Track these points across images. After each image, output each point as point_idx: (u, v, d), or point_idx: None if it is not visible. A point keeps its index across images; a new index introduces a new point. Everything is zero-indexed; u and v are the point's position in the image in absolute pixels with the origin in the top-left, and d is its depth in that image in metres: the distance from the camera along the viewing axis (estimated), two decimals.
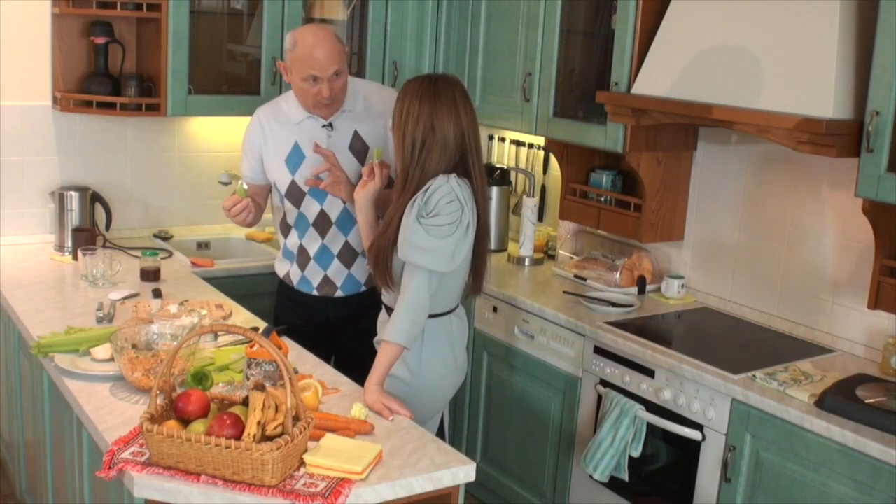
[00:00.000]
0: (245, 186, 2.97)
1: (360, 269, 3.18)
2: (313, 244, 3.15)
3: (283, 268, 3.27)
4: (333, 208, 3.10)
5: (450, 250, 2.58)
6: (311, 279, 3.19)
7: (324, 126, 3.07)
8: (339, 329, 3.22)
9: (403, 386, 2.72)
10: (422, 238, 2.56)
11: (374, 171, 2.82)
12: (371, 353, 2.74)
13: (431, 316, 2.70)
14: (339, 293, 3.19)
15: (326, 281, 3.18)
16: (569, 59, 3.72)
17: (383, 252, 2.68)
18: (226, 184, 3.89)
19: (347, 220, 3.12)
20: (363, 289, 3.20)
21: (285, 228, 3.20)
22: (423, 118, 2.60)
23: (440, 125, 2.60)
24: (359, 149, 3.08)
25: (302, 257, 3.18)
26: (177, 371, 2.40)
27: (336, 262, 3.16)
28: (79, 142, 3.94)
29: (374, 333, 3.00)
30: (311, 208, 3.11)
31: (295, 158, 3.08)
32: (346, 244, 3.14)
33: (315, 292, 3.20)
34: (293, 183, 3.09)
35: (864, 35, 2.74)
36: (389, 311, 2.80)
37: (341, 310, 3.21)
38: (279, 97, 3.22)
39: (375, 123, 3.09)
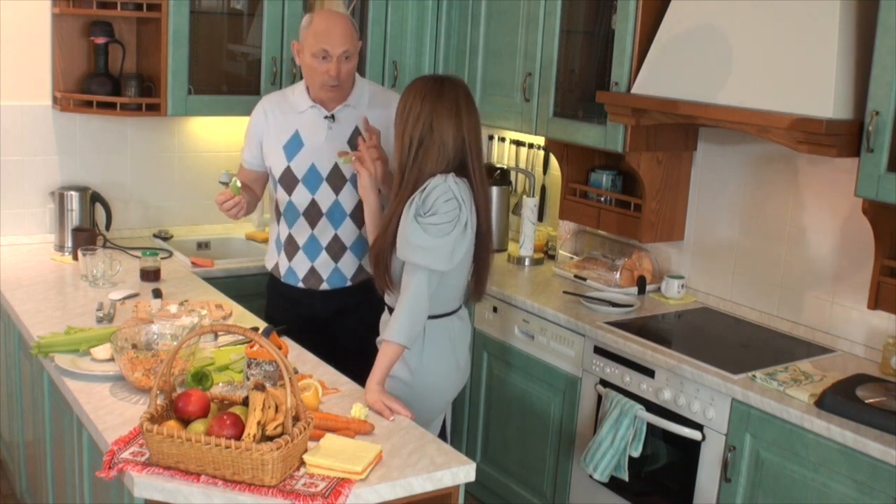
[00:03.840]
0: (238, 184, 3.00)
1: (348, 264, 3.20)
2: (302, 234, 3.18)
3: (272, 259, 3.31)
4: (325, 199, 3.13)
5: (448, 249, 2.58)
6: (297, 270, 3.21)
7: (326, 117, 3.11)
8: (328, 325, 3.24)
9: (404, 387, 2.71)
10: (420, 237, 2.56)
11: (359, 168, 2.86)
12: (364, 351, 2.76)
13: (433, 317, 2.70)
14: (324, 286, 3.21)
15: (313, 272, 3.20)
16: (569, 59, 3.72)
17: (383, 253, 2.68)
18: (225, 184, 3.90)
19: (338, 213, 3.15)
20: (349, 283, 3.22)
21: (277, 216, 3.25)
22: (423, 117, 2.60)
23: (439, 126, 2.60)
24: (357, 145, 3.11)
25: (290, 247, 3.21)
26: (177, 371, 2.40)
27: (324, 254, 3.18)
28: (79, 142, 3.94)
29: (365, 330, 3.04)
30: (302, 197, 3.14)
31: (293, 146, 3.12)
32: (336, 237, 3.17)
33: (301, 284, 3.22)
34: (288, 169, 3.13)
35: (864, 35, 2.74)
36: (391, 310, 2.80)
37: (328, 304, 3.23)
38: (287, 88, 3.27)
39: (377, 123, 3.10)
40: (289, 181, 3.13)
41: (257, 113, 3.20)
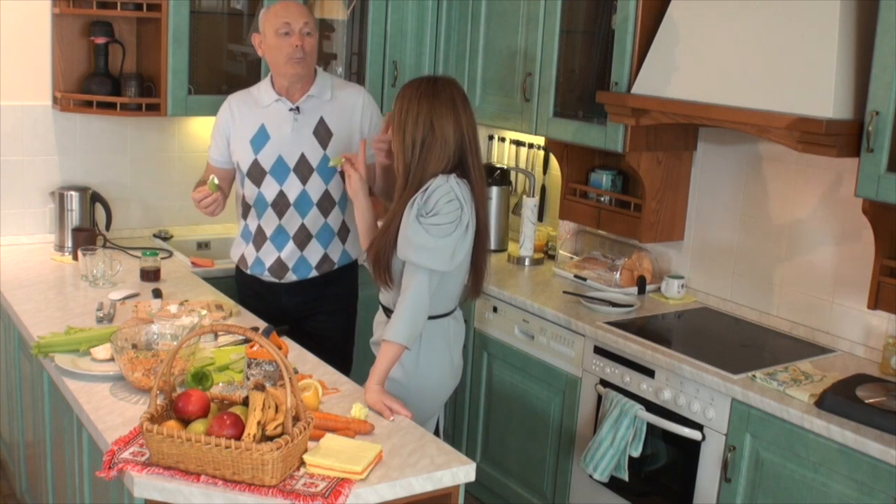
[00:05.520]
0: (216, 182, 3.06)
1: (313, 253, 3.26)
2: (270, 225, 3.24)
3: (238, 250, 3.36)
4: (292, 190, 3.20)
5: (450, 249, 2.58)
6: (264, 260, 3.27)
7: (291, 110, 3.18)
8: (297, 322, 3.25)
9: (399, 387, 2.71)
10: (422, 237, 2.57)
11: (348, 170, 2.84)
12: (334, 350, 2.80)
13: (429, 318, 2.70)
14: (290, 276, 3.26)
15: (279, 263, 3.25)
16: (569, 59, 3.72)
17: (383, 251, 2.68)
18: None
19: (305, 203, 3.21)
20: (314, 273, 3.27)
21: (245, 209, 3.30)
22: (422, 117, 2.61)
23: (439, 124, 2.60)
24: (323, 135, 3.19)
25: (259, 237, 3.27)
26: (177, 371, 2.40)
27: (291, 243, 3.24)
28: (79, 142, 3.94)
29: (334, 329, 3.05)
30: (270, 189, 3.20)
31: (260, 139, 3.19)
32: (302, 226, 3.22)
33: (267, 274, 3.28)
34: (255, 162, 3.19)
35: (864, 35, 2.74)
36: (387, 311, 2.81)
37: (294, 296, 3.28)
38: (252, 86, 3.33)
39: (341, 114, 3.20)
40: (257, 174, 3.19)
41: (223, 111, 3.27)
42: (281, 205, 3.20)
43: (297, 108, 3.17)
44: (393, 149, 2.70)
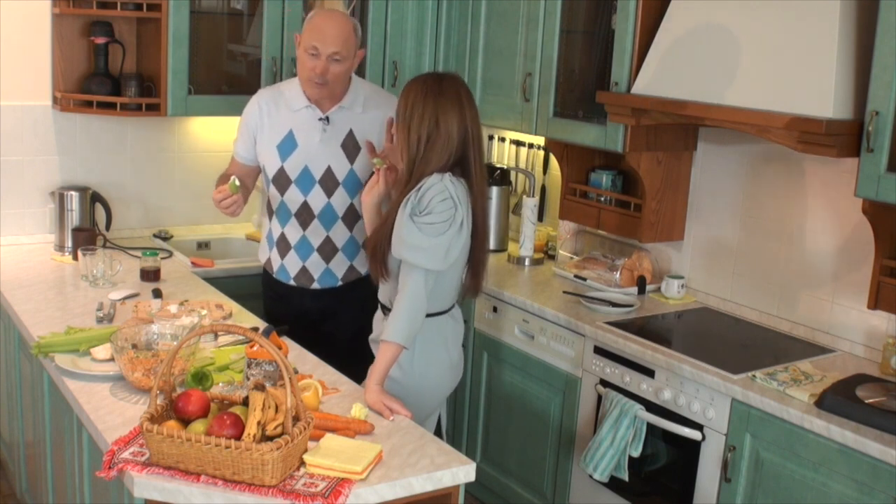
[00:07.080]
0: (237, 183, 3.00)
1: (339, 265, 3.23)
2: (294, 234, 3.20)
3: (265, 254, 3.34)
4: (317, 201, 3.14)
5: (443, 249, 2.59)
6: (289, 268, 3.24)
7: (320, 119, 3.12)
8: (319, 323, 3.26)
9: (396, 385, 2.71)
10: (415, 236, 2.57)
11: (380, 177, 2.82)
12: (354, 350, 2.82)
13: (426, 316, 2.70)
14: (315, 285, 3.24)
15: (304, 272, 3.23)
16: (569, 59, 3.72)
17: (380, 245, 2.70)
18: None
19: (330, 216, 3.17)
20: (339, 283, 3.25)
21: (269, 213, 3.27)
22: (427, 114, 2.61)
23: (444, 120, 2.61)
24: (350, 147, 3.13)
25: (282, 245, 3.24)
26: (177, 371, 2.40)
27: (315, 255, 3.21)
28: (79, 142, 3.94)
29: (355, 329, 3.10)
30: (294, 198, 3.15)
31: (287, 146, 3.13)
32: (328, 239, 3.19)
33: (292, 282, 3.26)
34: (281, 169, 3.14)
35: (864, 35, 2.74)
36: (385, 308, 2.81)
37: (318, 302, 3.27)
38: (282, 83, 3.28)
39: (372, 126, 3.11)
40: (282, 182, 3.15)
41: (252, 107, 3.19)
42: (305, 215, 3.16)
43: (327, 119, 3.11)
44: (397, 144, 2.70)
